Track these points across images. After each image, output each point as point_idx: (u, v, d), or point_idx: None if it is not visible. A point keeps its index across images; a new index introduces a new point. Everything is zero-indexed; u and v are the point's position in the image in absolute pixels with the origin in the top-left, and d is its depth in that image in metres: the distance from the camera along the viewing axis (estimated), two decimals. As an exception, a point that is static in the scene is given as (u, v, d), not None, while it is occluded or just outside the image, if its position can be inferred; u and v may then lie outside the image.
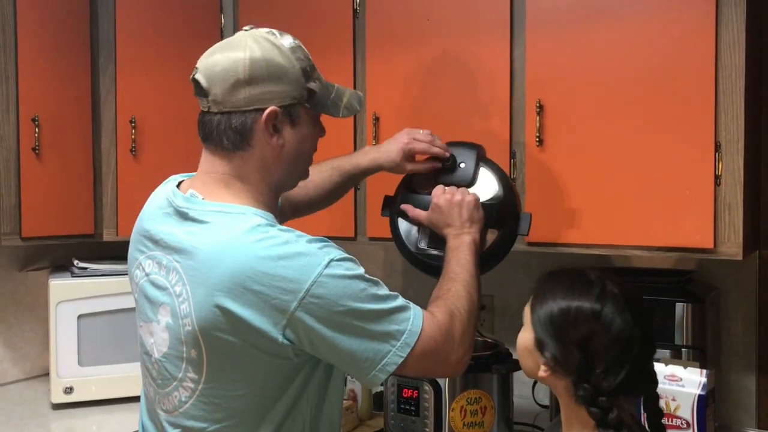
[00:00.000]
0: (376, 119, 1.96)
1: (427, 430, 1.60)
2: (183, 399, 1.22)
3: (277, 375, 1.20)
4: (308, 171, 1.38)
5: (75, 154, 2.18)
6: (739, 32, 1.51)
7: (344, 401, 1.66)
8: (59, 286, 2.19)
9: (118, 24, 2.19)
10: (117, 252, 2.35)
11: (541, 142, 1.73)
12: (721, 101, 1.54)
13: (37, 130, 2.07)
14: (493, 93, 1.80)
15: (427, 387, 1.59)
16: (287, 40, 1.28)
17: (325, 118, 1.35)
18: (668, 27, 1.58)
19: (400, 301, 1.22)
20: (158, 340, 1.25)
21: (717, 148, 1.54)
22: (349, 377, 1.69)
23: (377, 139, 1.96)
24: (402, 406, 1.63)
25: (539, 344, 1.15)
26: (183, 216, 1.24)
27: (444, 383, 1.60)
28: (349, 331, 1.16)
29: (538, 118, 1.73)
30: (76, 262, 2.29)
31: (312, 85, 1.29)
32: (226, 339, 1.16)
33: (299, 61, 1.27)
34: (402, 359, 1.18)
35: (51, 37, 2.12)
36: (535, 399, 2.03)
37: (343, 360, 1.19)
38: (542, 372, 1.15)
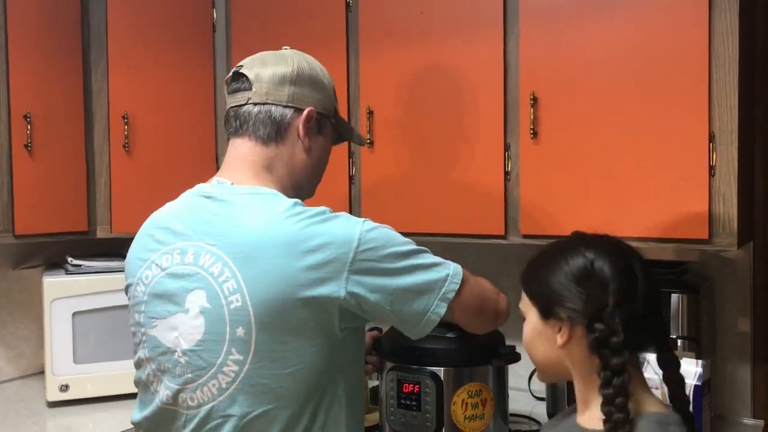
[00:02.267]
0: (370, 113, 1.96)
1: (428, 424, 1.60)
2: (223, 386, 1.22)
3: (321, 350, 1.23)
4: (314, 191, 1.48)
5: (67, 151, 2.17)
6: (732, 22, 1.51)
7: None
8: (53, 283, 2.18)
9: (110, 19, 2.18)
10: (111, 249, 2.35)
11: (535, 134, 1.73)
12: (714, 92, 1.54)
13: (29, 126, 2.06)
14: (486, 85, 1.80)
15: (429, 381, 1.59)
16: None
17: None
18: (661, 17, 1.58)
19: None
20: (187, 329, 1.24)
21: (711, 138, 1.54)
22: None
23: (371, 133, 1.95)
24: (402, 401, 1.63)
25: (549, 309, 1.14)
26: (212, 200, 1.29)
27: (441, 374, 1.60)
28: (406, 269, 1.25)
29: (532, 110, 1.72)
30: (70, 259, 2.28)
31: (336, 105, 1.47)
32: (281, 309, 1.19)
33: (331, 81, 1.45)
34: (458, 286, 1.27)
35: (42, 33, 2.11)
36: (531, 392, 2.03)
37: (407, 299, 1.25)
38: (560, 338, 1.13)
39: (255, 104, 1.36)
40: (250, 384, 1.21)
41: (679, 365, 1.18)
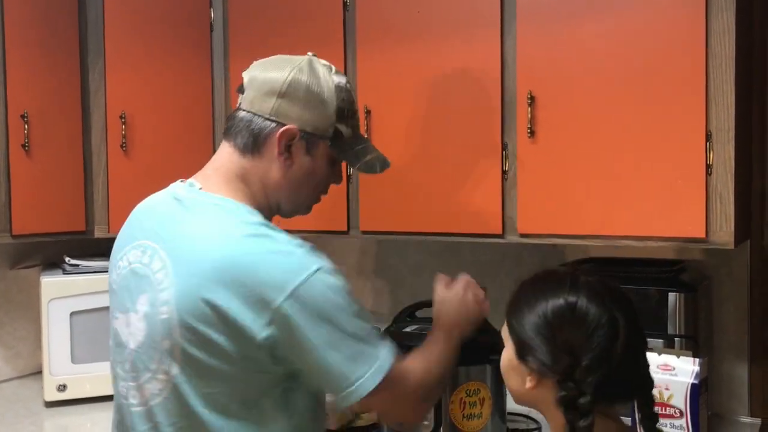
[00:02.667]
0: (368, 112, 1.96)
1: (426, 423, 1.60)
2: (155, 391, 1.22)
3: (250, 380, 1.19)
4: (311, 207, 1.40)
5: (65, 151, 2.16)
6: (729, 21, 1.52)
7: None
8: (51, 283, 2.18)
9: (107, 18, 2.17)
10: (108, 249, 2.33)
11: (532, 133, 1.73)
12: (711, 90, 1.54)
13: (26, 126, 2.06)
14: (484, 85, 1.80)
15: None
16: (338, 78, 1.34)
17: None
18: (658, 17, 1.58)
19: (377, 330, 1.23)
20: (135, 330, 1.24)
21: (708, 137, 1.55)
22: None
23: (369, 133, 1.95)
24: (399, 400, 1.63)
25: (521, 354, 1.11)
26: (179, 203, 1.27)
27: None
28: (329, 340, 1.16)
29: (529, 109, 1.73)
30: (67, 259, 2.28)
31: (341, 127, 1.33)
32: (204, 332, 1.15)
33: (340, 100, 1.32)
34: (374, 386, 1.18)
35: (39, 32, 2.10)
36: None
37: (318, 370, 1.18)
38: (529, 383, 1.10)
39: (242, 110, 1.32)
40: (176, 396, 1.20)
41: (657, 420, 1.13)
